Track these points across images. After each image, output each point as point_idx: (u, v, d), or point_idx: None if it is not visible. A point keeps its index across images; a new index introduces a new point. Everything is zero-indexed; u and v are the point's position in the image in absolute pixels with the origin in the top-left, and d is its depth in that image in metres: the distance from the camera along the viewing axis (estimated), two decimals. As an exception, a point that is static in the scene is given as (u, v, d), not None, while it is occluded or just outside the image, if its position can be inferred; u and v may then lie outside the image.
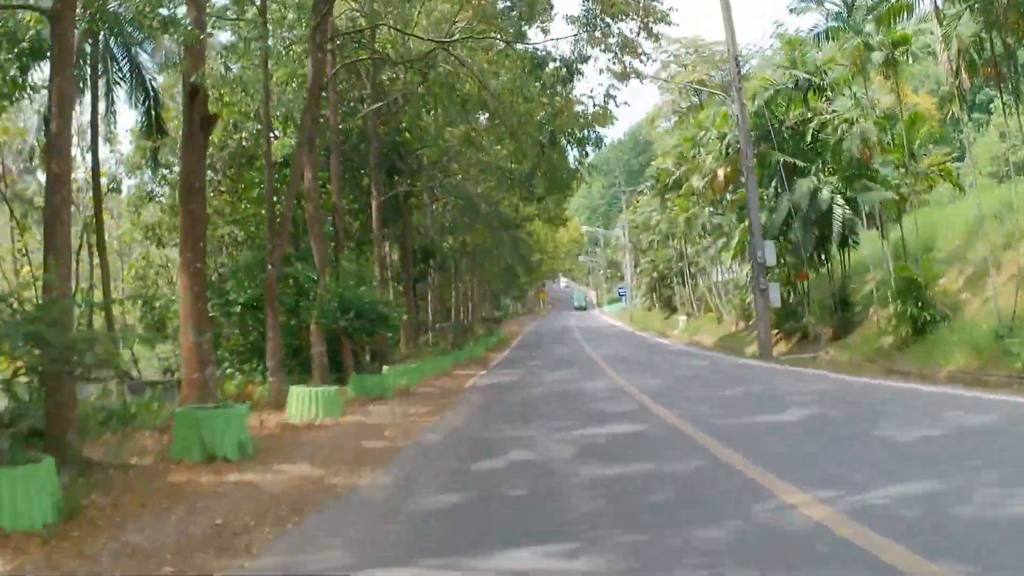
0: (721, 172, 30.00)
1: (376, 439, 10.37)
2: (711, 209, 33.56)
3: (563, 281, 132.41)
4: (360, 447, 9.68)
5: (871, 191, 19.76)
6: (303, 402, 13.15)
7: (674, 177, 38.97)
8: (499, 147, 21.91)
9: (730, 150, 26.48)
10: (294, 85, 23.45)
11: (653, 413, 10.73)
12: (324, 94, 24.34)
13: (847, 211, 22.03)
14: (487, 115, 22.35)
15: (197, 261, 12.36)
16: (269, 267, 15.26)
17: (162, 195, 26.04)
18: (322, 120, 24.94)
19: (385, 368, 19.51)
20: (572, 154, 20.43)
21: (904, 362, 18.04)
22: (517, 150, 19.52)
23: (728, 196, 31.51)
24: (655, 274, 53.56)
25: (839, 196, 22.15)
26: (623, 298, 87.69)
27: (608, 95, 17.88)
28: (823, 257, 23.75)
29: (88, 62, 17.53)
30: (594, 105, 18.25)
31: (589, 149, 20.14)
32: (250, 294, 21.41)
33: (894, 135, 20.19)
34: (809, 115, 23.44)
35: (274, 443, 10.15)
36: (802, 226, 22.17)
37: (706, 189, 31.81)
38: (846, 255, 23.80)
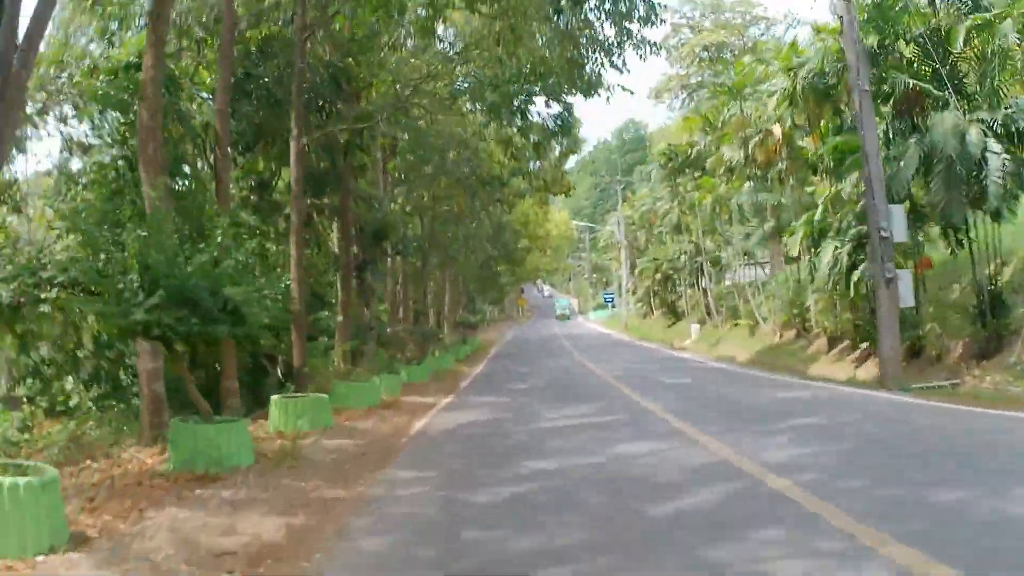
0: (777, 129, 22.31)
1: None
2: (751, 184, 25.76)
3: (547, 289, 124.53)
4: None
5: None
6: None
7: (696, 148, 31.25)
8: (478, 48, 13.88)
9: (806, 89, 18.68)
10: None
11: None
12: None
13: (1007, 162, 14.30)
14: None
15: None
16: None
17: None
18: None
19: (275, 400, 11.34)
20: (604, 31, 12.25)
21: None
22: (508, 33, 11.36)
23: (781, 164, 23.77)
24: (657, 275, 45.67)
25: (993, 140, 14.42)
26: (609, 304, 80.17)
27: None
28: (955, 233, 15.97)
29: None
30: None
31: (635, 26, 12.03)
32: (82, 268, 13.12)
33: None
34: (941, 23, 15.70)
35: None
36: (944, 183, 14.36)
37: (752, 155, 24.04)
38: (990, 231, 15.99)
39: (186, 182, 16.02)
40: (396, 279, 30.24)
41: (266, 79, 18.22)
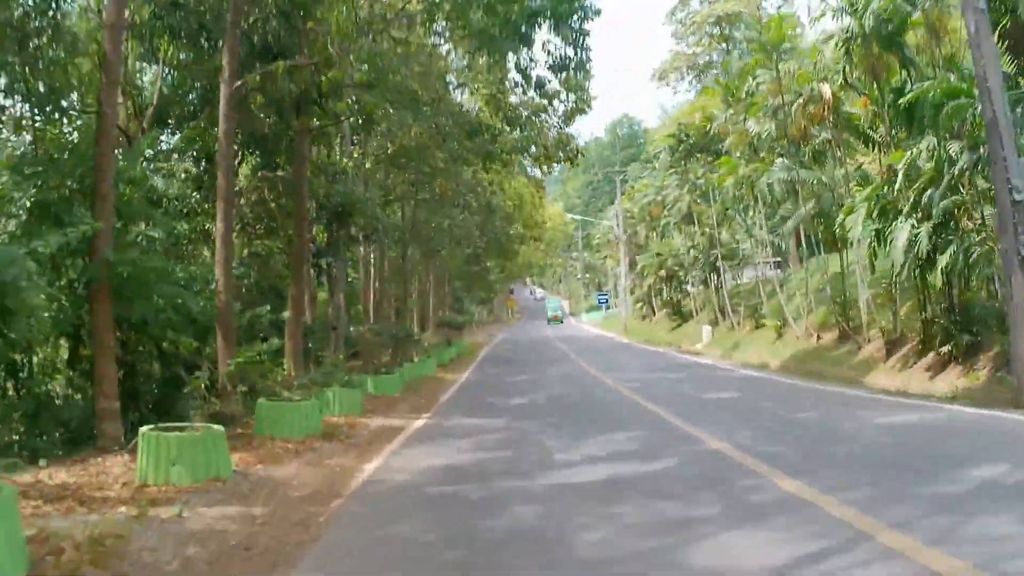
0: (827, 89, 18.61)
1: None
2: (783, 160, 22.03)
3: (539, 292, 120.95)
4: None
5: None
6: None
7: (715, 123, 27.52)
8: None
9: (870, 32, 14.97)
10: None
11: None
12: None
13: None
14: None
15: None
16: None
17: None
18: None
19: (144, 434, 7.32)
20: None
21: None
22: None
23: (826, 133, 20.06)
24: (661, 272, 41.90)
25: None
26: (603, 305, 76.57)
27: None
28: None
29: None
30: None
31: None
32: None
33: None
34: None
35: None
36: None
37: (789, 126, 20.29)
38: None
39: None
40: (379, 275, 26.37)
41: (200, 9, 14.09)
